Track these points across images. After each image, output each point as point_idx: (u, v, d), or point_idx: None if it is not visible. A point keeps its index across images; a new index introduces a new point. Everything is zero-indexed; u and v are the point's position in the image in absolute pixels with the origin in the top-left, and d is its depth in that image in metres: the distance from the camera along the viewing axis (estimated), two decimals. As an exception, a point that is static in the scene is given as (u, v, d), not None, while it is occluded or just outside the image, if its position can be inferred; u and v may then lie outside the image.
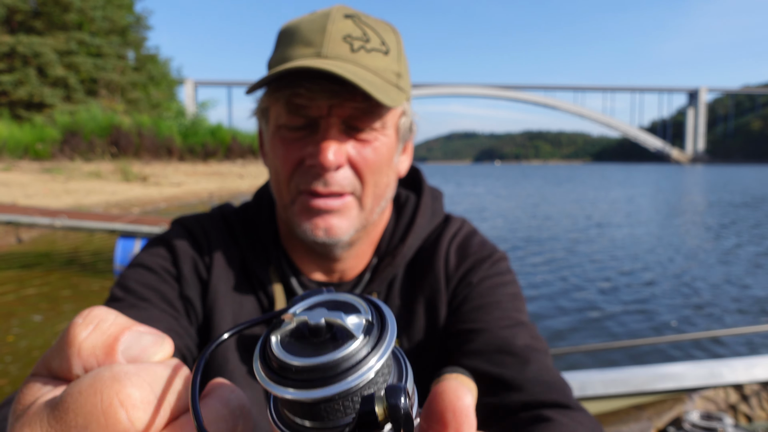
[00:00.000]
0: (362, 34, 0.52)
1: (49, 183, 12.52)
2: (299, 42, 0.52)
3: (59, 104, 21.47)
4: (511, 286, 0.61)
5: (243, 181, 18.83)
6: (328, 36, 0.51)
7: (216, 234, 0.63)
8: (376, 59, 0.52)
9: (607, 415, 1.24)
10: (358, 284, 0.63)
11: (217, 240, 0.62)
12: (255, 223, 0.64)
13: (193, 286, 0.59)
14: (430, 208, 0.65)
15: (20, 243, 6.96)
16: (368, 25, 0.53)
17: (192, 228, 0.63)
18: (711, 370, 1.25)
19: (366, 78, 0.50)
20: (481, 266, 0.61)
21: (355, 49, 0.51)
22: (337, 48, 0.51)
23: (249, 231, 0.64)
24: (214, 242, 0.62)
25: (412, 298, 0.62)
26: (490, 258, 0.63)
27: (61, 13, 23.11)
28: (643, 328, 4.09)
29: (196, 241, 0.62)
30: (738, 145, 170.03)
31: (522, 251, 7.62)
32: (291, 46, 0.53)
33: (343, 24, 0.52)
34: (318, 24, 0.52)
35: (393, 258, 0.62)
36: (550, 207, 15.12)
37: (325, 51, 0.51)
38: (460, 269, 0.61)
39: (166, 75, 34.85)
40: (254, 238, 0.63)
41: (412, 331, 0.61)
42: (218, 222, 0.64)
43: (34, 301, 4.66)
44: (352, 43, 0.51)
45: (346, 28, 0.52)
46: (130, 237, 5.43)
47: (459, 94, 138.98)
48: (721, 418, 1.17)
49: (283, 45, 0.54)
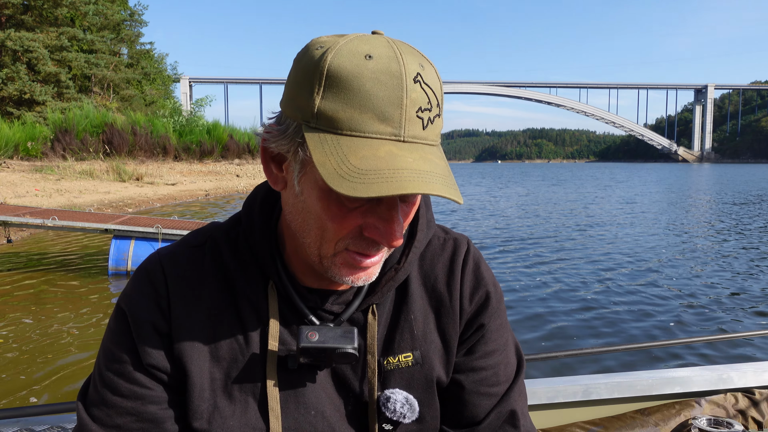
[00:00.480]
0: (427, 101, 0.50)
1: (40, 182, 12.39)
2: (370, 111, 0.47)
3: (51, 101, 21.22)
4: (504, 318, 0.69)
5: (240, 180, 18.75)
6: (404, 113, 0.48)
7: (192, 268, 0.61)
8: (436, 127, 0.51)
9: (612, 420, 1.22)
10: (359, 293, 0.62)
11: (191, 276, 0.60)
12: (248, 242, 0.61)
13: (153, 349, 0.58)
14: (426, 219, 0.65)
15: (10, 243, 6.86)
16: (429, 85, 0.50)
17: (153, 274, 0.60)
18: (720, 375, 1.23)
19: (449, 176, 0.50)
20: (490, 303, 0.66)
21: (425, 126, 0.49)
22: (413, 128, 0.49)
23: (242, 251, 0.61)
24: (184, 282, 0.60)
25: (412, 313, 0.63)
26: (495, 291, 0.66)
27: (52, 7, 22.82)
28: (647, 330, 4.09)
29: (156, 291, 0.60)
30: (747, 143, 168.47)
31: (522, 252, 7.62)
32: (359, 111, 0.47)
33: (414, 94, 0.49)
34: (392, 92, 0.48)
35: (395, 273, 0.62)
36: (553, 206, 15.17)
37: (404, 133, 0.48)
38: (473, 303, 0.65)
39: (161, 72, 34.60)
40: (248, 258, 0.61)
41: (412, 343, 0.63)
42: (197, 252, 0.62)
43: (24, 302, 4.59)
44: (423, 119, 0.49)
45: (417, 100, 0.49)
46: (125, 238, 5.37)
47: (460, 92, 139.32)
48: (730, 423, 1.14)
49: (344, 100, 0.48)
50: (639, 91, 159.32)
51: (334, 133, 0.48)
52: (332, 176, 0.46)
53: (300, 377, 0.60)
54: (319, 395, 0.60)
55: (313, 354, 0.56)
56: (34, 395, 2.81)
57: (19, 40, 21.10)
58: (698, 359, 3.37)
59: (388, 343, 0.62)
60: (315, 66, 0.49)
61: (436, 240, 0.66)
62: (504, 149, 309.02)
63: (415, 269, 0.64)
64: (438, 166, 0.49)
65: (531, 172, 53.75)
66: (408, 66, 0.49)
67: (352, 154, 0.47)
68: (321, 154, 0.48)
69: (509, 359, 0.67)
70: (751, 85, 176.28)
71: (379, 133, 0.48)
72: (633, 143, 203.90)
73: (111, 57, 26.49)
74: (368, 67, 0.48)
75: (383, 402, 0.61)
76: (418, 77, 0.49)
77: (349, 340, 0.56)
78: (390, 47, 0.50)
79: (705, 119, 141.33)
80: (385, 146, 0.48)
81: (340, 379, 0.61)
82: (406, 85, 0.48)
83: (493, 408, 0.64)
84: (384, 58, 0.49)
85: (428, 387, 0.62)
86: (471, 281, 0.65)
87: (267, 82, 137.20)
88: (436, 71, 0.53)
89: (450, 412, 0.65)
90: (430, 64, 0.52)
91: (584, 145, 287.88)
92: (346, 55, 0.48)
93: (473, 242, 0.69)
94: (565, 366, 3.12)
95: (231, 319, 0.60)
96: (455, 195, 0.48)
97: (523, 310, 4.52)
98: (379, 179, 0.46)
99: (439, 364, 0.63)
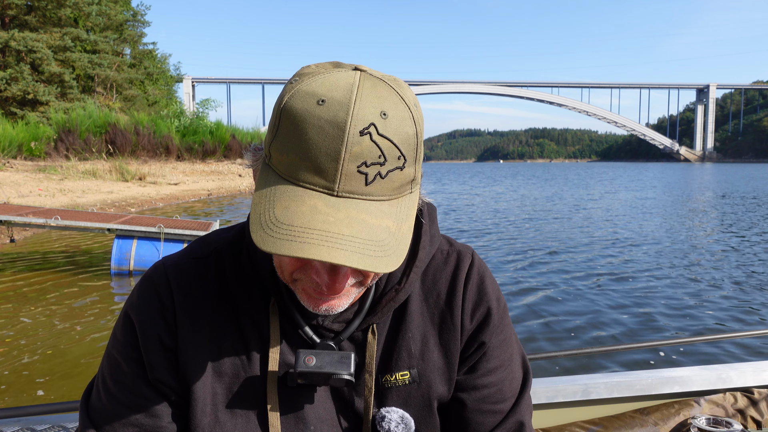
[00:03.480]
0: (379, 155, 0.46)
1: (43, 182, 12.44)
2: (307, 160, 0.46)
3: (54, 101, 21.30)
4: (508, 331, 0.67)
5: (242, 180, 18.79)
6: (341, 167, 0.46)
7: (196, 280, 0.61)
8: (392, 181, 0.48)
9: (611, 419, 1.21)
10: (359, 312, 0.61)
11: (195, 289, 0.60)
12: (251, 259, 0.61)
13: (159, 363, 0.59)
14: (429, 235, 0.64)
15: (14, 243, 6.90)
16: (386, 137, 0.47)
17: (159, 286, 0.60)
18: (719, 374, 1.22)
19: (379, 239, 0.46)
20: (491, 320, 0.64)
21: (370, 181, 0.47)
22: (351, 184, 0.46)
23: (245, 267, 0.61)
24: (189, 294, 0.60)
25: (409, 332, 0.63)
26: (498, 306, 0.65)
27: (55, 8, 22.89)
28: (647, 330, 4.08)
29: (162, 303, 0.60)
30: (749, 143, 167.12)
31: (524, 251, 7.61)
32: (298, 159, 0.47)
33: (358, 148, 0.46)
34: (330, 144, 0.45)
35: (395, 294, 0.61)
36: (553, 205, 15.13)
37: (337, 188, 0.46)
38: (474, 320, 0.64)
39: (164, 72, 34.66)
40: (251, 274, 0.61)
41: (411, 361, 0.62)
42: (202, 264, 0.62)
43: (26, 302, 4.61)
44: (367, 174, 0.46)
45: (361, 154, 0.46)
46: (127, 237, 5.39)
47: (462, 92, 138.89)
48: (729, 423, 1.14)
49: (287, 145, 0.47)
50: (641, 90, 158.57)
51: (277, 175, 0.48)
52: (254, 222, 0.47)
53: (300, 394, 0.59)
54: (319, 412, 0.60)
55: (310, 378, 0.57)
56: (35, 394, 2.82)
57: (22, 40, 21.18)
58: (698, 359, 3.36)
59: (385, 361, 0.62)
60: (278, 104, 0.49)
61: (440, 254, 0.65)
62: (506, 149, 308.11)
63: (418, 285, 0.64)
64: (366, 229, 0.46)
65: (533, 172, 53.55)
66: (358, 116, 0.46)
67: (279, 203, 0.46)
68: (258, 195, 0.49)
69: (514, 374, 0.66)
70: (753, 85, 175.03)
71: (312, 184, 0.46)
72: (635, 143, 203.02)
73: (114, 57, 26.57)
74: (315, 114, 0.46)
75: (378, 420, 0.60)
76: (368, 129, 0.46)
77: (345, 366, 0.57)
78: (350, 92, 0.47)
79: (707, 119, 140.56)
80: (312, 200, 0.46)
81: (339, 397, 0.61)
82: (347, 138, 0.45)
83: (498, 424, 0.64)
84: (335, 105, 0.46)
85: (425, 405, 0.62)
86: (473, 297, 0.64)
87: (270, 82, 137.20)
88: (412, 117, 0.49)
89: (454, 430, 0.64)
90: (404, 109, 0.48)
91: (586, 145, 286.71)
92: (301, 96, 0.47)
93: (473, 243, 0.68)
94: (564, 366, 3.12)
95: (233, 335, 0.60)
96: (371, 265, 0.44)
97: (523, 310, 4.51)
98: (287, 236, 0.44)
99: (440, 382, 0.63)
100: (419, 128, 0.50)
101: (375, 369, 0.60)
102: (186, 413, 0.59)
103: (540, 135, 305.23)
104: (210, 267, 0.62)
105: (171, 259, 0.63)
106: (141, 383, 0.58)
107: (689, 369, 1.23)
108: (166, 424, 0.59)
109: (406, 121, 0.49)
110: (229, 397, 0.59)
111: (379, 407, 0.61)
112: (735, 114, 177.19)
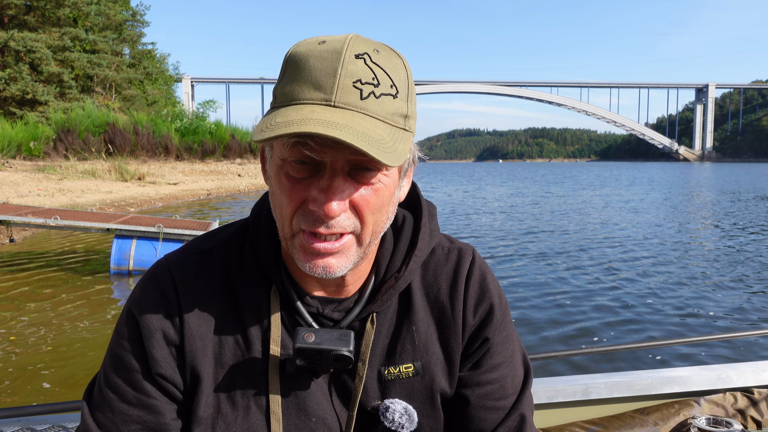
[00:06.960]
0: (372, 77, 0.51)
1: (42, 182, 12.42)
2: (308, 82, 0.51)
3: (53, 101, 21.27)
4: (510, 328, 0.68)
5: (241, 180, 18.78)
6: (338, 81, 0.50)
7: (199, 275, 0.62)
8: (385, 104, 0.52)
9: (611, 419, 1.21)
10: (359, 301, 0.62)
11: (198, 283, 0.61)
12: (254, 248, 0.62)
13: (163, 358, 0.59)
14: (428, 228, 0.65)
15: (13, 243, 6.89)
16: (379, 65, 0.52)
17: (163, 282, 0.61)
18: (719, 374, 1.22)
19: (374, 136, 0.49)
20: (495, 316, 0.65)
21: (365, 96, 0.51)
22: (347, 96, 0.50)
23: (247, 257, 0.62)
24: (192, 289, 0.61)
25: (414, 324, 0.63)
26: (500, 303, 0.66)
27: (54, 8, 22.85)
28: (647, 330, 4.08)
29: (166, 298, 0.60)
30: (748, 142, 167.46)
31: (524, 250, 7.61)
32: (299, 84, 0.52)
33: (354, 67, 0.51)
34: (329, 64, 0.51)
35: (395, 281, 0.62)
36: (553, 205, 15.13)
37: (335, 98, 0.50)
38: (477, 316, 0.65)
39: (163, 71, 34.65)
40: (253, 263, 0.62)
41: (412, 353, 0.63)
42: (205, 258, 0.63)
43: (26, 301, 4.61)
44: (362, 90, 0.51)
45: (356, 72, 0.51)
46: (126, 237, 5.38)
47: (462, 92, 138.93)
48: (729, 423, 1.14)
49: (291, 78, 0.53)
50: (640, 90, 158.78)
51: (278, 107, 0.52)
52: (256, 132, 0.50)
53: (301, 384, 0.60)
54: (320, 402, 0.60)
55: (309, 355, 0.56)
56: (35, 394, 2.81)
57: (21, 40, 21.15)
58: (697, 359, 3.36)
59: (390, 353, 0.62)
60: (283, 58, 0.55)
61: (440, 250, 0.66)
62: (505, 148, 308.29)
63: (418, 280, 0.64)
64: (362, 125, 0.49)
65: (534, 172, 53.62)
66: (353, 46, 0.52)
67: (279, 115, 0.50)
68: (260, 122, 0.52)
69: (516, 371, 0.67)
70: (752, 84, 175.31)
71: (311, 99, 0.50)
72: (634, 142, 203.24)
73: (113, 57, 26.55)
74: (317, 49, 0.52)
75: (382, 411, 0.61)
76: (363, 55, 0.52)
77: (344, 343, 0.57)
78: (347, 36, 0.53)
79: (706, 118, 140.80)
80: (311, 108, 0.50)
81: (340, 387, 0.61)
82: (344, 59, 0.51)
83: (501, 421, 0.64)
84: (334, 42, 0.52)
85: (429, 398, 0.62)
86: (475, 293, 0.64)
87: (269, 81, 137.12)
88: (404, 64, 0.55)
89: (457, 426, 0.65)
90: (395, 57, 0.54)
91: (585, 145, 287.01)
92: (304, 43, 0.54)
93: (474, 243, 0.69)
94: (564, 366, 3.12)
95: (234, 324, 0.60)
96: (368, 148, 0.47)
97: (523, 310, 4.51)
98: (284, 127, 0.48)
99: (442, 376, 0.63)
100: (409, 72, 0.56)
101: (369, 358, 0.61)
102: (189, 409, 0.60)
103: (539, 135, 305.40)
104: (213, 260, 0.63)
105: (174, 255, 0.64)
106: (143, 379, 0.59)
107: (689, 369, 1.23)
108: (169, 420, 0.59)
109: (396, 59, 0.55)
110: (231, 387, 0.59)
111: (382, 399, 0.62)
112: (734, 113, 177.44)
